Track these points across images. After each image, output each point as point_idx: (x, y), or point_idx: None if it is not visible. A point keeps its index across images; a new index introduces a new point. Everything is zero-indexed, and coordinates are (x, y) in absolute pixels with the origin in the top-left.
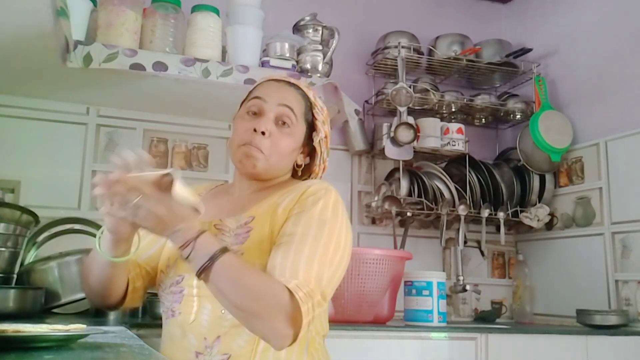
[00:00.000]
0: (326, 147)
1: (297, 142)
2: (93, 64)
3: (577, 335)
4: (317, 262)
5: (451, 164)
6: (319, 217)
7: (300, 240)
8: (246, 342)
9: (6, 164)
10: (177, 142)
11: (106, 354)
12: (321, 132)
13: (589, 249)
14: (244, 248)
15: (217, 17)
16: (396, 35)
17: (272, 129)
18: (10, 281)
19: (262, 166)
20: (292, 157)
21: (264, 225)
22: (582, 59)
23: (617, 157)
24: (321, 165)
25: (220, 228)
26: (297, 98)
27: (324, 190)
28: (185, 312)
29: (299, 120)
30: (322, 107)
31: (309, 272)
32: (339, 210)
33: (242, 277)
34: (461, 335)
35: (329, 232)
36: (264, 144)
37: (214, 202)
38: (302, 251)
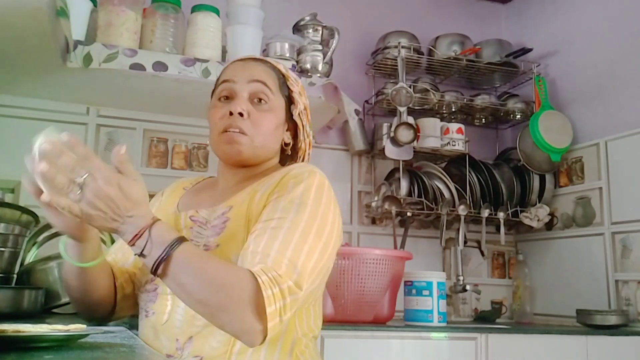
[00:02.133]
0: (307, 121)
1: (278, 117)
2: (93, 64)
3: (577, 335)
4: (293, 248)
5: (451, 164)
6: (300, 201)
7: (276, 225)
8: (220, 343)
9: (6, 164)
10: (177, 142)
11: (106, 354)
12: (299, 104)
13: (589, 249)
14: (220, 240)
15: (217, 17)
16: (396, 35)
17: (249, 108)
18: (10, 281)
19: (248, 150)
20: (278, 135)
21: (242, 214)
22: (582, 59)
23: (617, 157)
24: (306, 140)
25: (195, 220)
26: (267, 72)
27: (306, 172)
28: (159, 312)
29: (276, 94)
30: (296, 78)
31: (281, 257)
32: (323, 193)
33: (203, 267)
34: (461, 335)
35: (309, 216)
36: (245, 125)
37: (196, 196)
38: (277, 236)
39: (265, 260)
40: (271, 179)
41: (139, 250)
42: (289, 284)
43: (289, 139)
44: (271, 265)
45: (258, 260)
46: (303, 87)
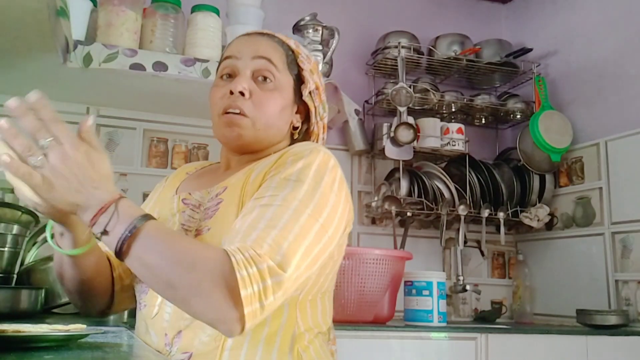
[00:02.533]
0: (320, 102)
1: (285, 97)
2: (93, 64)
3: (577, 335)
4: (281, 227)
5: (451, 164)
6: (297, 178)
7: (266, 203)
8: (210, 337)
9: None
10: (177, 142)
11: (106, 354)
12: (310, 83)
13: (589, 249)
14: (211, 223)
15: (217, 17)
16: (396, 35)
17: (252, 87)
18: (10, 281)
19: (250, 134)
20: (285, 117)
21: (235, 195)
22: (582, 59)
23: (617, 157)
24: (319, 123)
25: (188, 203)
26: (274, 47)
27: (308, 150)
28: (150, 304)
29: (282, 72)
30: (308, 55)
31: (264, 235)
32: (326, 171)
33: (171, 245)
34: (461, 335)
35: (306, 195)
36: (246, 105)
37: (196, 180)
38: (264, 215)
39: (245, 239)
40: (270, 158)
41: (101, 228)
42: (269, 264)
43: (298, 121)
44: (250, 245)
45: (239, 239)
46: (316, 65)
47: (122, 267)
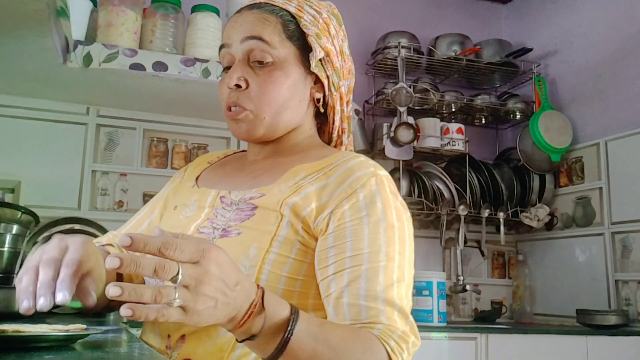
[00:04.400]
0: (333, 69)
1: (290, 73)
2: (93, 64)
3: (577, 335)
4: (397, 292)
5: (451, 164)
6: (386, 224)
7: (370, 263)
8: (216, 348)
9: (6, 164)
10: (177, 142)
11: (106, 354)
12: (316, 50)
13: (589, 249)
14: (243, 227)
15: (217, 17)
16: (396, 35)
17: (247, 74)
18: (10, 281)
19: (257, 127)
20: (297, 94)
21: (273, 205)
22: (582, 59)
23: (617, 157)
24: (334, 95)
25: (225, 201)
26: (264, 20)
27: (373, 178)
28: None
29: (280, 45)
30: (315, 15)
31: (391, 309)
32: (398, 202)
33: (326, 344)
34: (461, 335)
35: (399, 243)
36: (244, 98)
37: (222, 170)
38: (377, 280)
39: (377, 316)
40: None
41: (247, 335)
42: (413, 340)
43: (318, 92)
44: (388, 323)
45: (366, 316)
46: (329, 26)
47: None
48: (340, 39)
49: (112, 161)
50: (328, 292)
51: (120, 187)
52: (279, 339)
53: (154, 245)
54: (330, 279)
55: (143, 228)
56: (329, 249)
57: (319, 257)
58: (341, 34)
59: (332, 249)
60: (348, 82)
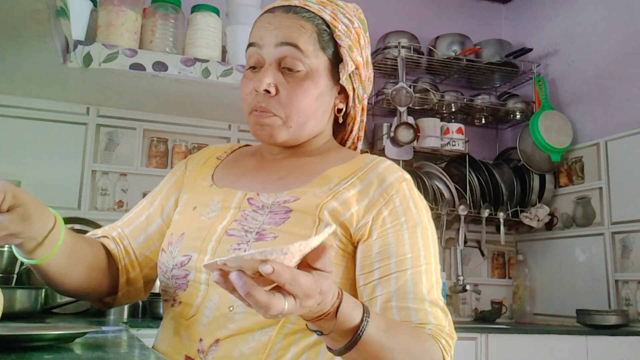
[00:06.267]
0: (360, 82)
1: (319, 84)
2: (93, 64)
3: (577, 335)
4: (437, 292)
5: (451, 164)
6: (422, 228)
7: (414, 268)
8: (252, 350)
9: (6, 164)
10: (177, 142)
11: (106, 354)
12: (349, 64)
13: (589, 249)
14: (279, 230)
15: (217, 17)
16: (396, 35)
17: (278, 80)
18: (10, 281)
19: (283, 133)
20: (323, 105)
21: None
22: (582, 59)
23: (617, 157)
24: (357, 107)
25: (254, 203)
26: (301, 27)
27: (403, 182)
28: (186, 302)
29: (313, 55)
30: (348, 25)
31: (435, 308)
32: (423, 201)
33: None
34: (461, 335)
35: (433, 244)
36: (273, 103)
37: (237, 168)
38: (422, 283)
39: (426, 317)
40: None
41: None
42: (455, 337)
43: (341, 103)
44: (436, 323)
45: (416, 317)
46: (360, 36)
47: (125, 259)
48: (368, 48)
49: (112, 161)
50: (373, 295)
51: (120, 187)
52: (349, 338)
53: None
54: (375, 283)
55: (141, 221)
56: (374, 255)
57: (362, 263)
58: (367, 40)
59: (377, 255)
60: (369, 88)
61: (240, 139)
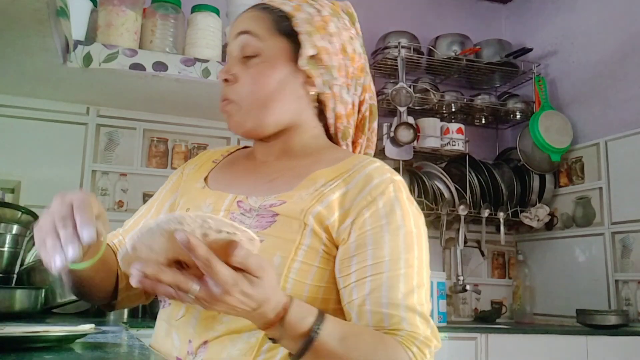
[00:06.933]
0: (325, 67)
1: (278, 66)
2: (93, 64)
3: (577, 335)
4: (417, 298)
5: (451, 164)
6: (405, 231)
7: (391, 272)
8: (240, 352)
9: (6, 164)
10: (177, 142)
11: (106, 354)
12: (306, 47)
13: (589, 249)
14: (265, 234)
15: (217, 17)
16: (396, 35)
17: (239, 69)
18: (10, 281)
19: (244, 119)
20: (288, 88)
21: (296, 213)
22: (582, 59)
23: (617, 157)
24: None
25: (242, 206)
26: (257, 16)
27: (391, 184)
28: (176, 303)
29: (269, 39)
30: (312, 13)
31: (412, 314)
32: (414, 207)
33: (352, 350)
34: (461, 335)
35: (418, 249)
36: (232, 91)
37: (231, 171)
38: (398, 287)
39: (400, 323)
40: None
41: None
42: (435, 344)
43: (311, 88)
44: (410, 329)
45: (389, 323)
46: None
47: None
48: (347, 37)
49: (112, 161)
50: (350, 298)
51: (120, 187)
52: (299, 346)
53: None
54: (352, 286)
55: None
56: (351, 258)
57: (340, 265)
58: (351, 32)
59: (354, 258)
60: (356, 82)
61: (240, 139)
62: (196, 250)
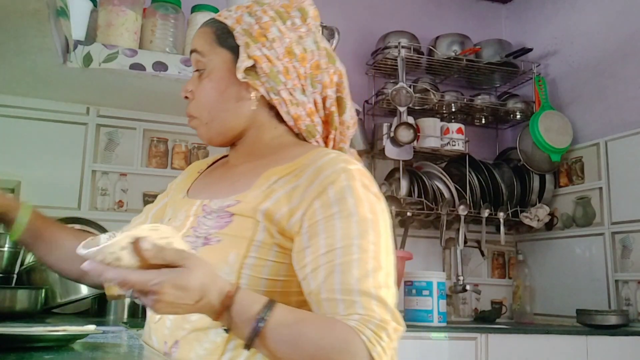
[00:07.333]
0: (266, 74)
1: (219, 78)
2: (93, 64)
3: (577, 335)
4: (373, 282)
5: (451, 164)
6: (358, 218)
7: (344, 259)
8: (207, 351)
9: (6, 164)
10: (177, 142)
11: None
12: (243, 59)
13: (589, 249)
14: (223, 234)
15: None
16: (396, 35)
17: (193, 86)
18: (10, 281)
19: (207, 132)
20: (231, 98)
21: (249, 212)
22: (582, 59)
23: (617, 157)
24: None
25: (206, 210)
26: (202, 33)
27: (343, 174)
28: None
29: (211, 52)
30: (251, 23)
31: (367, 299)
32: (371, 194)
33: (301, 335)
34: (461, 335)
35: (374, 233)
36: (191, 107)
37: (209, 179)
38: (350, 272)
39: (353, 307)
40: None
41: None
42: (394, 326)
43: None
44: (364, 313)
45: (343, 309)
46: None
47: None
48: (295, 38)
49: (112, 161)
50: (309, 289)
51: (120, 187)
52: (251, 328)
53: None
54: (308, 277)
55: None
56: (305, 249)
57: (296, 258)
58: (300, 30)
59: (307, 249)
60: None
61: None
62: (104, 275)
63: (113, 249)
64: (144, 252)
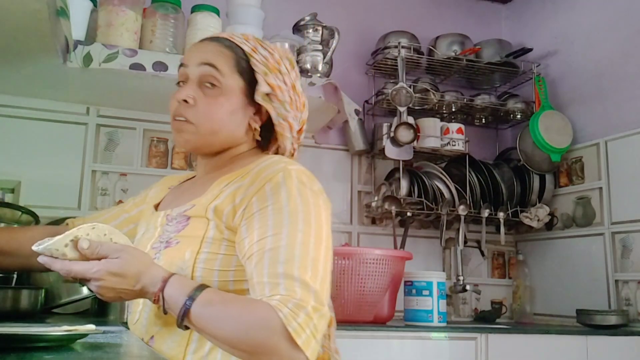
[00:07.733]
0: (279, 102)
1: (232, 101)
2: (93, 64)
3: (577, 335)
4: (299, 266)
5: (451, 164)
6: (289, 209)
7: (272, 245)
8: (175, 343)
9: (6, 164)
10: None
11: (106, 354)
12: (262, 85)
13: (589, 249)
14: (181, 236)
15: (217, 17)
16: (396, 35)
17: (197, 94)
18: (10, 281)
19: (196, 139)
20: (235, 120)
21: (202, 212)
22: (582, 59)
23: (617, 157)
24: (282, 124)
25: (168, 218)
26: (220, 52)
27: (281, 172)
28: (133, 311)
29: (229, 76)
30: (267, 56)
31: (290, 281)
32: (306, 189)
33: (224, 313)
34: (461, 335)
35: (304, 223)
36: (190, 113)
37: (177, 193)
38: (277, 259)
39: (277, 289)
40: (236, 174)
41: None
42: (312, 305)
43: (256, 123)
44: (286, 293)
45: (269, 291)
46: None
47: None
48: (293, 77)
49: (112, 161)
50: (250, 276)
51: (120, 187)
52: (180, 309)
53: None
54: (246, 264)
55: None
56: (243, 240)
57: (238, 248)
58: (293, 74)
59: (245, 239)
60: (301, 115)
61: None
62: (52, 267)
63: (57, 246)
64: (81, 250)
